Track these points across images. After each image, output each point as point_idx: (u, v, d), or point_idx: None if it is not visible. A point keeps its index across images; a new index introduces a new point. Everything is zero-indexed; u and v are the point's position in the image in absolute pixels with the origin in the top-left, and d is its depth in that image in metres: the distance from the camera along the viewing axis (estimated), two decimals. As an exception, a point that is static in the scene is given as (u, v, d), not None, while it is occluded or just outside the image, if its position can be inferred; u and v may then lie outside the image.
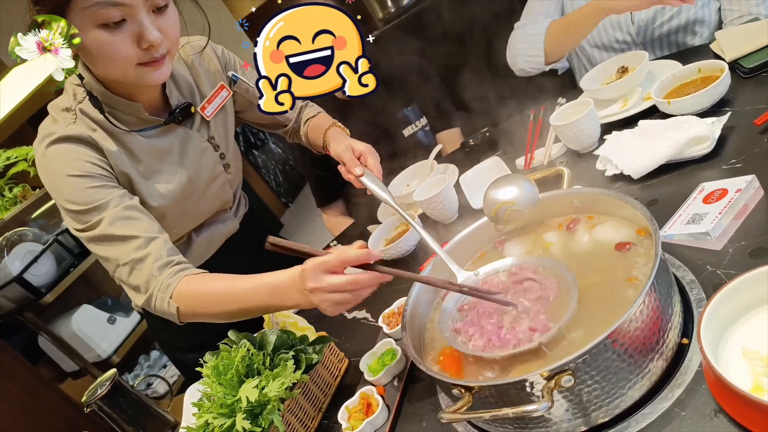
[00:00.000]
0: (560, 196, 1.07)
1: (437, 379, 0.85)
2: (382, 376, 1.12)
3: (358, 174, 1.30)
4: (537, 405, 0.69)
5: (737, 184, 0.99)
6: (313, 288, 0.90)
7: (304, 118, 1.59)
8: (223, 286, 1.05)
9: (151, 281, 1.06)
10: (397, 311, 1.26)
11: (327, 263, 0.90)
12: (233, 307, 1.04)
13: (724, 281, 0.88)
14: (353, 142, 1.37)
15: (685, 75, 1.34)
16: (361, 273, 0.90)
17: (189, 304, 1.04)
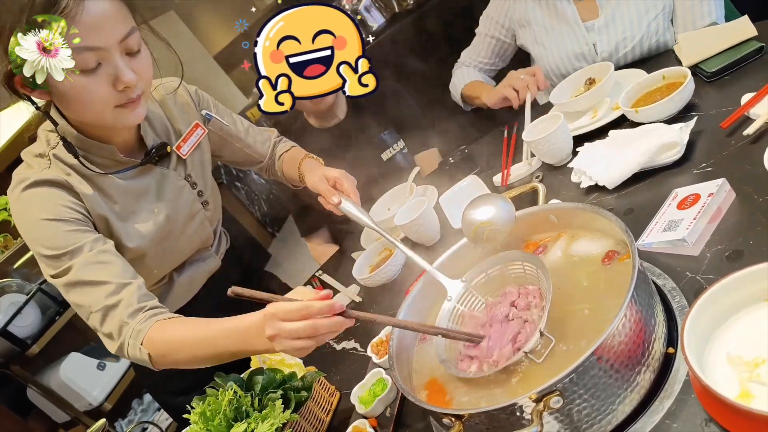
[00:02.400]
0: (537, 213, 1.07)
1: (428, 409, 0.84)
2: (374, 408, 1.10)
3: (335, 202, 1.30)
4: (526, 430, 0.68)
5: (709, 188, 1.00)
6: (272, 336, 0.87)
7: (278, 153, 1.59)
8: (193, 331, 1.03)
9: (123, 328, 1.04)
10: (386, 339, 1.25)
11: (287, 313, 0.87)
12: (205, 353, 1.01)
13: (705, 287, 0.88)
14: (326, 171, 1.37)
15: (650, 83, 1.36)
16: (320, 318, 0.87)
17: (160, 350, 1.02)
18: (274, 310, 0.87)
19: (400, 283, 1.48)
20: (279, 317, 0.87)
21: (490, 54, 1.94)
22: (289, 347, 0.88)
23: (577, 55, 1.65)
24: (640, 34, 1.56)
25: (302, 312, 0.85)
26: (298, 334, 0.86)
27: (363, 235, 1.79)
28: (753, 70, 1.25)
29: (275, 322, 0.87)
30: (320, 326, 0.86)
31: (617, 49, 1.60)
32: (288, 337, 0.86)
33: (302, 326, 0.85)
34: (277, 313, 0.87)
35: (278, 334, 0.87)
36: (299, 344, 0.87)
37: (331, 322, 0.87)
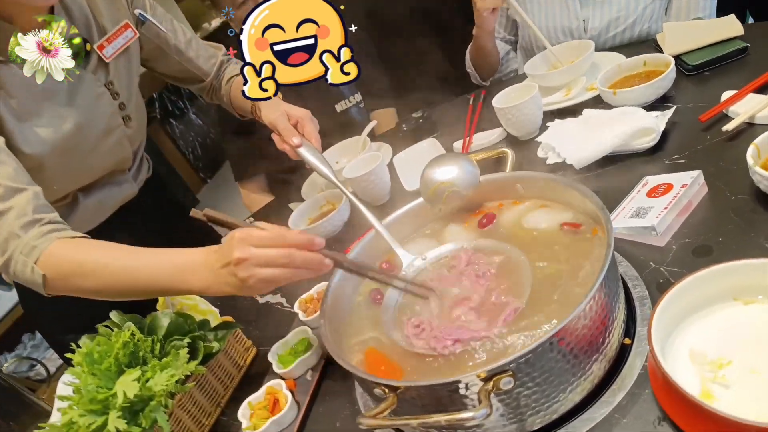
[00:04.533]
0: (503, 180, 0.98)
1: (357, 376, 0.73)
2: (293, 369, 0.99)
3: (295, 144, 1.15)
4: (474, 412, 0.59)
5: (682, 179, 0.95)
6: (240, 259, 0.76)
7: (226, 76, 1.40)
8: (113, 256, 0.88)
9: (10, 241, 0.86)
10: (317, 297, 1.13)
11: (261, 237, 0.76)
12: (121, 284, 0.87)
13: (669, 279, 0.83)
14: (289, 108, 1.21)
15: (630, 67, 1.30)
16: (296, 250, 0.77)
17: (61, 272, 0.86)
18: (245, 234, 0.76)
19: (339, 241, 1.35)
20: (251, 242, 0.75)
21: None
22: (258, 276, 0.76)
23: (564, 29, 1.56)
24: (634, 16, 1.49)
25: (277, 239, 0.76)
26: (272, 261, 0.75)
27: (306, 185, 1.65)
28: (734, 69, 1.21)
29: (245, 246, 0.75)
30: (296, 257, 0.75)
31: (608, 28, 1.52)
32: (258, 262, 0.75)
33: (276, 252, 0.75)
34: (249, 237, 0.76)
35: (248, 259, 0.75)
36: (269, 272, 0.75)
37: (307, 257, 0.76)
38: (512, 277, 0.83)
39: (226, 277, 0.79)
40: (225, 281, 0.79)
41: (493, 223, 0.97)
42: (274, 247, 0.76)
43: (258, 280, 0.76)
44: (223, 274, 0.79)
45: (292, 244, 0.76)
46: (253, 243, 0.76)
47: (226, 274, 0.79)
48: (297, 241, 0.76)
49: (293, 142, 1.15)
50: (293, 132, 1.17)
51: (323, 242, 0.79)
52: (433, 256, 0.96)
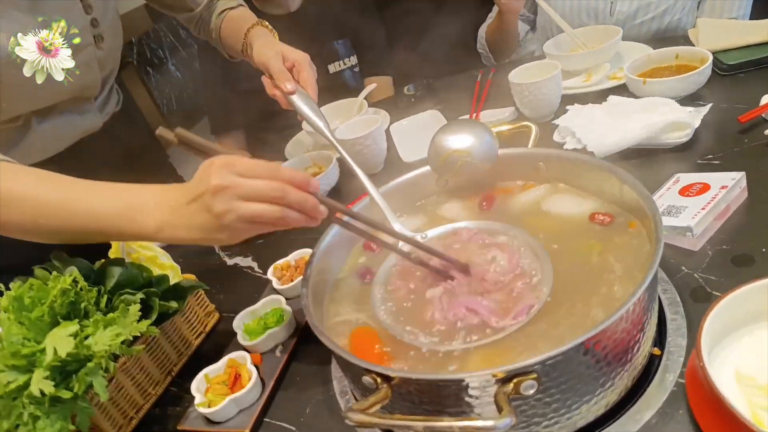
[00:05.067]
0: (525, 156, 0.87)
1: (342, 359, 0.61)
2: (261, 342, 0.86)
3: (288, 90, 1.00)
4: (495, 421, 0.47)
5: (722, 180, 0.85)
6: (219, 187, 0.61)
7: (219, 8, 1.24)
8: (44, 185, 0.72)
9: None
10: (294, 264, 1.00)
11: (249, 165, 0.63)
12: (52, 219, 0.71)
13: (704, 287, 0.73)
14: (285, 49, 1.07)
15: (661, 59, 1.20)
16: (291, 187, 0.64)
17: None
18: (228, 160, 0.63)
19: (322, 208, 1.22)
20: (235, 169, 0.62)
21: None
22: (239, 211, 0.62)
23: (589, 10, 1.45)
24: (665, 5, 1.40)
25: (270, 171, 0.63)
26: (260, 194, 0.61)
27: (290, 144, 1.51)
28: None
29: (228, 173, 0.61)
30: (290, 194, 0.62)
31: (635, 14, 1.42)
32: (242, 193, 0.61)
33: (266, 184, 0.62)
34: (234, 163, 0.62)
35: (230, 187, 0.61)
36: (254, 208, 0.62)
37: (302, 196, 0.63)
38: (529, 269, 0.72)
39: (195, 214, 0.64)
40: (191, 220, 0.65)
41: (492, 206, 0.86)
42: (264, 179, 0.62)
43: (238, 217, 0.62)
44: (190, 211, 0.65)
45: (287, 179, 0.63)
46: (238, 170, 0.62)
47: (195, 210, 0.64)
48: (292, 177, 0.63)
49: (286, 88, 1.01)
50: (287, 76, 1.03)
51: (319, 186, 0.66)
52: (434, 234, 0.84)
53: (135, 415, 0.84)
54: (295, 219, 0.64)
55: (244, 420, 0.77)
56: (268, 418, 0.78)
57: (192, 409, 0.81)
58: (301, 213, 0.64)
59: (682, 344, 0.67)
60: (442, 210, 0.91)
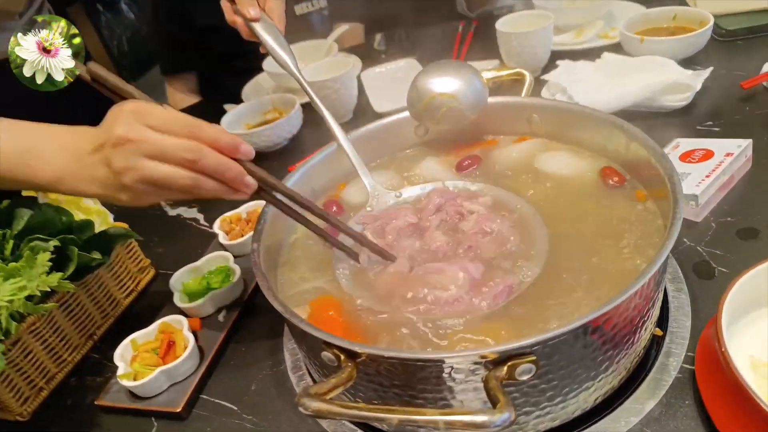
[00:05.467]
0: (517, 106, 0.76)
1: (298, 328, 0.50)
2: (201, 305, 0.74)
3: (251, 16, 0.85)
4: (489, 416, 0.37)
5: (727, 147, 0.77)
6: (123, 138, 0.50)
7: None
8: None
9: None
10: (246, 218, 0.87)
11: (164, 117, 0.52)
12: None
13: (708, 261, 0.65)
14: None
15: (658, 18, 1.11)
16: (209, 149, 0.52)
17: None
18: (141, 107, 0.52)
19: (283, 157, 1.09)
20: (147, 119, 0.51)
21: None
22: (142, 171, 0.51)
23: None
24: None
25: (188, 127, 0.52)
26: (170, 153, 0.51)
27: (248, 87, 1.36)
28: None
29: (136, 124, 0.51)
30: (208, 157, 0.52)
31: None
32: (149, 150, 0.51)
33: (178, 144, 0.51)
34: (146, 112, 0.52)
35: (135, 141, 0.51)
36: (160, 171, 0.51)
37: (223, 162, 0.52)
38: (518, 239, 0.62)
39: (96, 166, 0.53)
40: (90, 172, 0.54)
41: (478, 164, 0.76)
42: (179, 136, 0.51)
43: (140, 178, 0.51)
44: (92, 161, 0.54)
45: (208, 138, 0.52)
46: (149, 122, 0.51)
47: (96, 161, 0.53)
48: (214, 138, 0.52)
49: (249, 14, 0.86)
50: (251, 1, 0.88)
51: (252, 153, 0.55)
52: (410, 195, 0.73)
53: (45, 385, 0.71)
54: (211, 189, 0.53)
55: (176, 396, 0.65)
56: (205, 395, 0.67)
57: (114, 381, 0.68)
58: (220, 183, 0.53)
59: (686, 324, 0.59)
60: (420, 165, 0.80)
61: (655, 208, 0.61)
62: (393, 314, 0.55)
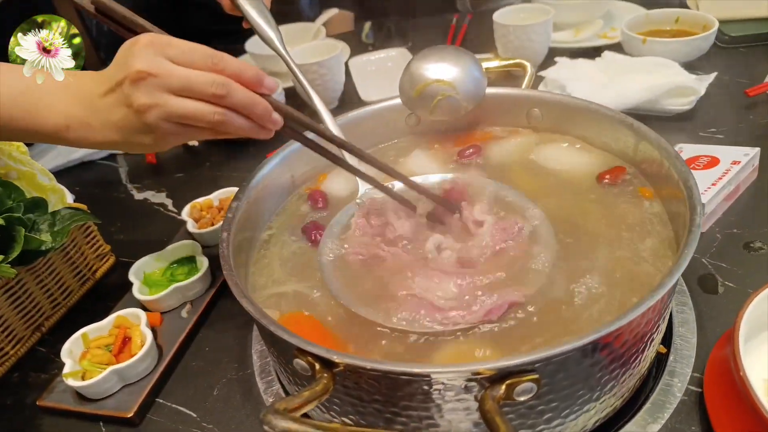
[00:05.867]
0: (517, 99, 0.71)
1: (270, 331, 0.44)
2: (163, 298, 0.67)
3: None
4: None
5: (733, 154, 0.73)
6: (143, 73, 0.46)
7: None
8: None
9: None
10: (218, 206, 0.81)
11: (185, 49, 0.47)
12: None
13: (713, 274, 0.61)
14: None
15: (660, 20, 1.08)
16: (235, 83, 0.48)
17: None
18: (160, 39, 0.47)
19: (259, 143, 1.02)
20: (167, 52, 0.47)
21: None
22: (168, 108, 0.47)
23: None
24: None
25: (211, 58, 0.47)
26: (198, 86, 0.46)
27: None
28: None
29: (156, 58, 0.46)
30: (236, 93, 0.47)
31: None
32: (173, 85, 0.46)
33: (205, 77, 0.47)
34: (166, 44, 0.47)
35: (158, 75, 0.46)
36: (187, 106, 0.47)
37: (250, 98, 0.48)
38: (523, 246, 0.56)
39: (113, 108, 0.49)
40: (108, 116, 0.50)
41: (478, 156, 0.70)
42: (202, 69, 0.47)
43: (166, 115, 0.47)
44: (106, 104, 0.49)
45: (233, 71, 0.47)
46: (169, 54, 0.47)
47: (112, 103, 0.49)
48: (239, 70, 0.48)
49: None
50: None
51: (276, 86, 0.51)
52: (401, 188, 0.66)
53: (-19, 380, 0.64)
54: (240, 126, 0.49)
55: (128, 399, 0.59)
56: (161, 399, 0.60)
57: (60, 380, 0.61)
58: (248, 119, 0.49)
59: (692, 341, 0.55)
60: (410, 156, 0.74)
61: (662, 211, 0.56)
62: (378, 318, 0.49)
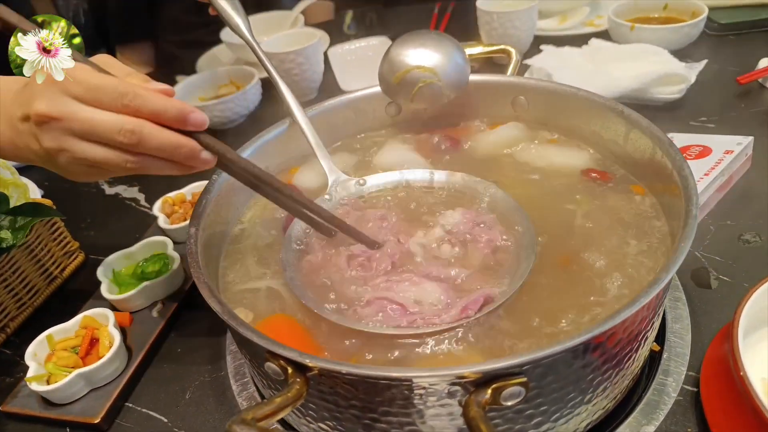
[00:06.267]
0: (502, 86, 0.68)
1: (240, 333, 0.41)
2: (132, 297, 0.64)
3: None
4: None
5: (725, 144, 0.71)
6: (45, 117, 0.41)
7: None
8: None
9: None
10: (191, 200, 0.77)
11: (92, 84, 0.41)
12: None
13: (706, 268, 0.59)
14: None
15: (648, 7, 1.06)
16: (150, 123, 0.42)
17: None
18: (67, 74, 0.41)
19: (238, 135, 0.99)
20: (69, 88, 0.41)
21: None
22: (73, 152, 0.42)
23: None
24: None
25: (121, 97, 0.41)
26: (104, 133, 0.41)
27: (204, 58, 1.25)
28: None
29: (60, 97, 0.41)
30: (150, 139, 0.42)
31: None
32: (77, 130, 0.41)
33: (112, 121, 0.41)
34: (74, 80, 0.41)
35: (60, 119, 0.41)
36: (96, 153, 0.42)
37: (170, 141, 0.42)
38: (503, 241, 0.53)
39: (29, 136, 0.44)
40: (26, 142, 0.45)
41: (457, 149, 0.67)
42: (109, 110, 0.41)
43: (72, 161, 0.43)
44: (24, 130, 0.44)
45: (150, 112, 0.41)
46: (76, 93, 0.41)
47: (27, 132, 0.44)
48: (155, 110, 0.41)
49: None
50: None
51: (206, 121, 0.44)
52: (375, 183, 0.63)
53: (-63, 386, 0.60)
54: (161, 168, 0.44)
55: (95, 404, 0.55)
56: (130, 403, 0.57)
57: (24, 384, 0.58)
58: (168, 162, 0.44)
59: (686, 339, 0.52)
60: (388, 148, 0.71)
61: (655, 204, 0.54)
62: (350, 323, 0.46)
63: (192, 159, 0.44)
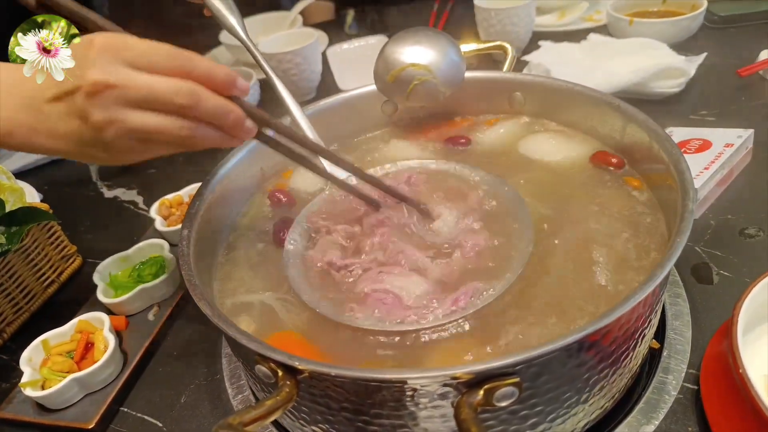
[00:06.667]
0: (498, 82, 0.67)
1: (229, 336, 0.40)
2: (128, 300, 0.63)
3: None
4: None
5: (726, 137, 0.70)
6: (100, 85, 0.39)
7: None
8: None
9: None
10: (188, 202, 0.77)
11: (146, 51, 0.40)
12: None
13: (707, 263, 0.58)
14: None
15: (647, 0, 1.04)
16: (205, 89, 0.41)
17: None
18: (118, 40, 0.40)
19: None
20: (126, 57, 0.39)
21: None
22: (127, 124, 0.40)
23: None
24: None
25: (177, 60, 0.40)
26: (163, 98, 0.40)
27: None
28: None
29: (114, 65, 0.39)
30: (205, 102, 0.41)
31: None
32: (135, 99, 0.39)
33: (170, 85, 0.40)
34: (125, 46, 0.39)
35: (117, 86, 0.39)
36: (151, 123, 0.40)
37: (222, 106, 0.41)
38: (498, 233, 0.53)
39: (63, 118, 0.42)
40: (52, 125, 0.42)
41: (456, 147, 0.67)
42: (167, 75, 0.40)
43: (127, 133, 0.40)
44: (55, 112, 0.42)
45: (202, 73, 0.40)
46: (129, 59, 0.39)
47: (62, 112, 0.41)
48: (209, 72, 0.41)
49: None
50: None
51: (249, 88, 0.44)
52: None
53: (-67, 393, 0.60)
54: (209, 138, 0.43)
55: (90, 409, 0.55)
56: (125, 408, 0.56)
57: (19, 390, 0.58)
58: (218, 130, 0.43)
59: (686, 335, 0.52)
60: (386, 147, 0.71)
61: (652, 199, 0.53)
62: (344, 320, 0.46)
63: (237, 127, 0.43)
